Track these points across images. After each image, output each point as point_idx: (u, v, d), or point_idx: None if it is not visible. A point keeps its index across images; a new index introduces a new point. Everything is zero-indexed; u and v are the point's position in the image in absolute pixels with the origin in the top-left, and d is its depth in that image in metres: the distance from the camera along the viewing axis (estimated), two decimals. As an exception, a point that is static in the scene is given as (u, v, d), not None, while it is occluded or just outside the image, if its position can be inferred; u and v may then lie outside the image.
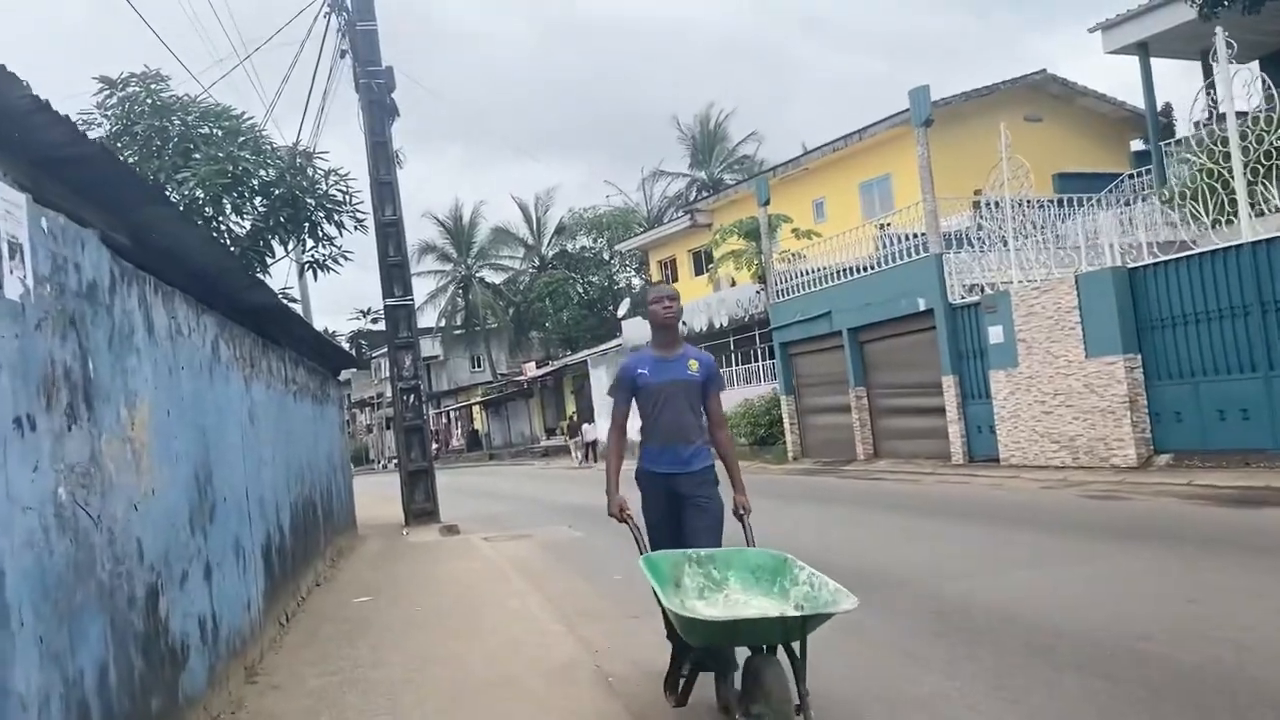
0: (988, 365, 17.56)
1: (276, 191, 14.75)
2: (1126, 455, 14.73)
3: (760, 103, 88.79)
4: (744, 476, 5.47)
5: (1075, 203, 19.87)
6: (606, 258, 57.77)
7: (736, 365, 29.40)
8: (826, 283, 22.35)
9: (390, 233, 14.90)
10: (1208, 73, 24.98)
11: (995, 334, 17.27)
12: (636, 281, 57.41)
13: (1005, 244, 17.44)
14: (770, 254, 24.58)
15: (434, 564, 10.43)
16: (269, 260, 15.38)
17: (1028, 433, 16.63)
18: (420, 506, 14.78)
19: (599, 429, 38.86)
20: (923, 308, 19.02)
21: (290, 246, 15.34)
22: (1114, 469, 14.78)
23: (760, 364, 28.18)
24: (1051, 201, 18.34)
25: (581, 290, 56.97)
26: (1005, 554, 8.95)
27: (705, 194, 42.66)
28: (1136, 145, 32.82)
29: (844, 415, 22.00)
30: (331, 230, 15.11)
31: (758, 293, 26.90)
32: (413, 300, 14.96)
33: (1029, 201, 17.60)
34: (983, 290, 17.80)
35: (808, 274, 23.08)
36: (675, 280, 38.96)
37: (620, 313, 42.27)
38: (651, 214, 55.29)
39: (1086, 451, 15.44)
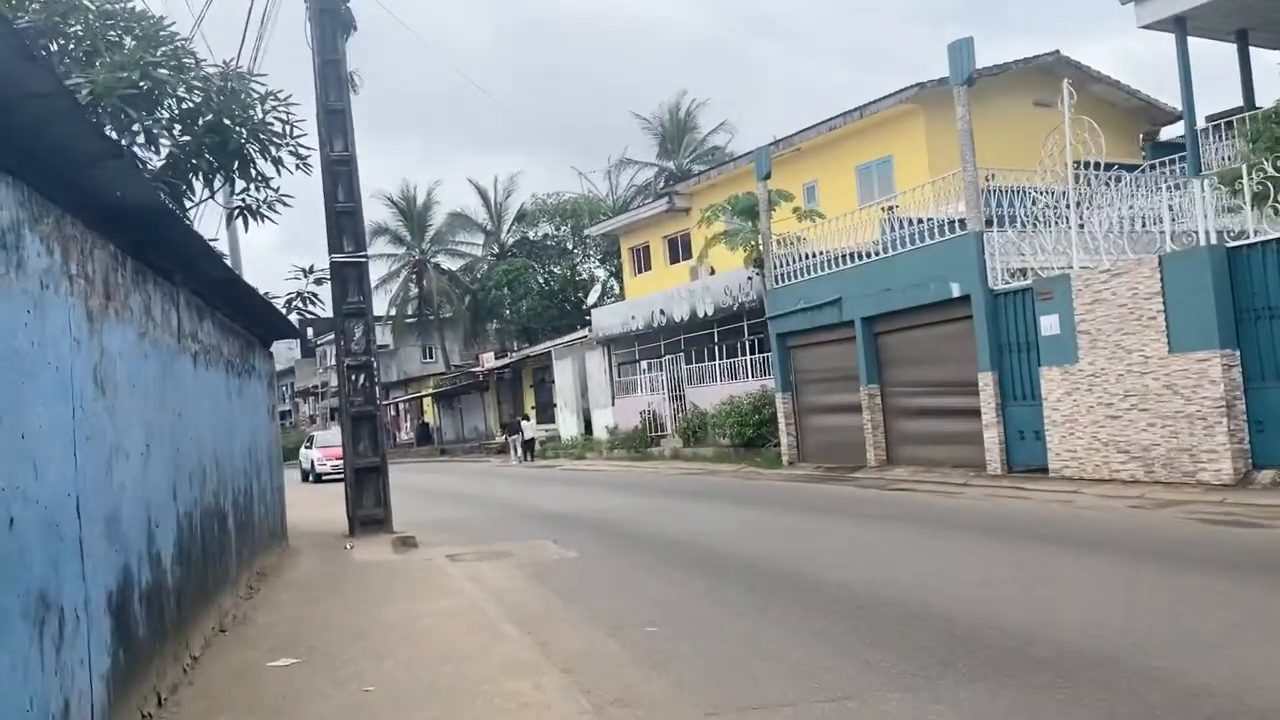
0: (1037, 361, 15.12)
1: (204, 120, 11.89)
2: (1219, 470, 12.33)
3: (728, 98, 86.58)
4: (733, 481, 2.81)
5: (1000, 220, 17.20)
6: (570, 247, 54.96)
7: (721, 359, 26.80)
8: (836, 265, 19.80)
9: (340, 172, 12.08)
10: (1243, 57, 23.01)
11: (1049, 324, 14.82)
12: (600, 272, 54.77)
13: (1065, 221, 14.98)
14: (769, 234, 22.00)
15: (388, 600, 7.65)
16: (188, 203, 12.53)
17: (1087, 440, 14.20)
18: (369, 513, 11.96)
19: (563, 424, 36.20)
20: (956, 294, 16.54)
21: (216, 186, 12.45)
22: (1203, 486, 12.37)
23: (748, 358, 25.62)
24: (1114, 178, 15.93)
25: (543, 280, 54.11)
26: (1190, 608, 6.39)
27: (673, 183, 39.93)
28: (1151, 135, 30.99)
29: (852, 415, 19.48)
30: (267, 168, 12.31)
31: (750, 278, 24.32)
32: (366, 257, 12.13)
33: (1092, 171, 15.17)
34: (1033, 275, 15.35)
35: (815, 256, 20.52)
36: (649, 269, 36.32)
37: (590, 300, 39.44)
38: (618, 203, 52.50)
39: (1165, 464, 13.03)
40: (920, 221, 18.27)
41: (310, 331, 49.17)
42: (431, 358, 61.25)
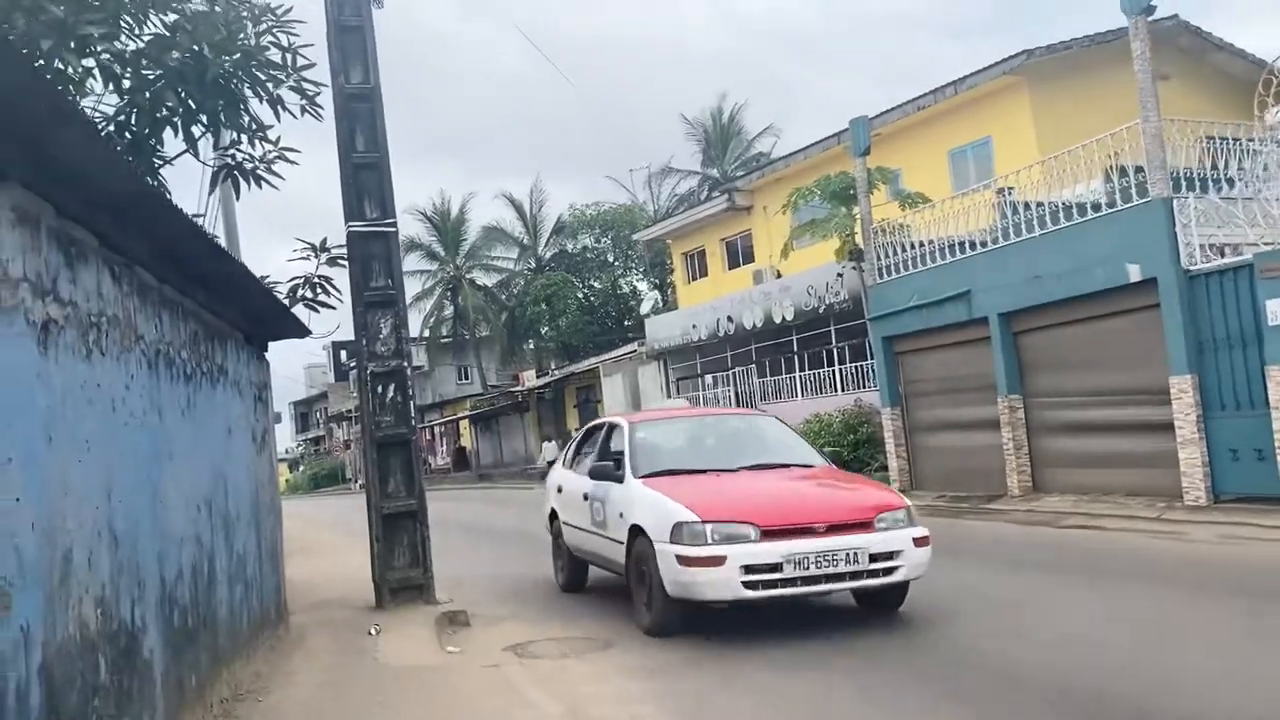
0: (1264, 359, 11.63)
1: (176, 55, 8.74)
2: None
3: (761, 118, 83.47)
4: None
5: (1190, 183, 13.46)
6: (611, 259, 51.82)
7: (803, 370, 23.38)
8: (962, 251, 16.39)
9: (359, 112, 8.87)
10: None
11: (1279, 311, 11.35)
12: (644, 285, 51.55)
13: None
14: (870, 219, 18.63)
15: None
16: (157, 161, 9.42)
17: (1345, 461, 10.69)
18: (403, 575, 8.65)
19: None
20: (1136, 278, 13.08)
21: (196, 136, 9.32)
22: None
23: (837, 367, 22.18)
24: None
25: (583, 295, 51.00)
26: None
27: (714, 193, 36.36)
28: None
29: (985, 433, 15.99)
30: (264, 112, 9.23)
31: (840, 275, 20.93)
32: (395, 226, 8.88)
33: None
34: (1238, 252, 11.91)
35: (931, 243, 17.12)
36: (704, 275, 32.99)
37: (644, 309, 36.16)
38: (659, 213, 49.29)
39: None
40: (1040, 206, 14.92)
41: (344, 354, 46.18)
42: (467, 378, 58.31)
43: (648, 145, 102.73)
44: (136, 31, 8.85)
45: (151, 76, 8.77)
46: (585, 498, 8.97)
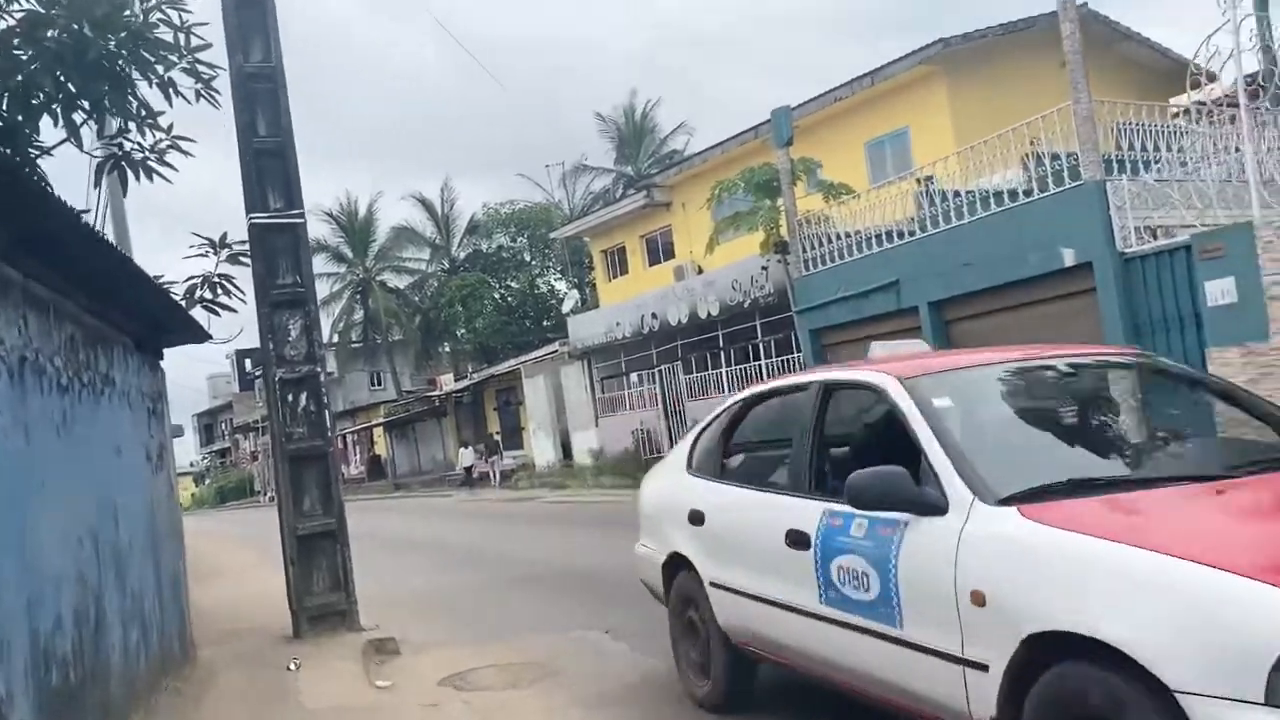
0: (1204, 340, 11.52)
1: (53, 34, 7.86)
2: None
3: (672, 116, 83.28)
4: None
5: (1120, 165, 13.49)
6: (528, 258, 50.97)
7: (729, 365, 22.99)
8: (889, 241, 16.13)
9: (260, 93, 8.07)
10: None
11: (1219, 291, 11.21)
12: (561, 286, 50.81)
13: (1234, 152, 11.44)
14: (795, 210, 18.29)
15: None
16: (34, 151, 8.49)
17: (1287, 442, 10.56)
18: (322, 600, 7.89)
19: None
20: (1070, 262, 12.92)
21: (80, 124, 8.41)
22: None
23: (764, 362, 21.83)
24: None
25: (499, 295, 50.06)
26: None
27: (632, 190, 35.64)
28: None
29: (918, 424, 15.71)
30: (155, 98, 8.38)
31: (764, 268, 20.59)
32: (303, 218, 8.10)
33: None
34: (1172, 234, 11.81)
35: (858, 233, 16.83)
36: (625, 273, 32.45)
37: (566, 308, 35.46)
38: (575, 211, 48.63)
39: None
40: (970, 194, 14.77)
41: (249, 363, 44.49)
42: (380, 384, 56.81)
43: (561, 144, 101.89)
44: (6, 7, 7.95)
45: (25, 57, 7.87)
46: (796, 542, 4.52)
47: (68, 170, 8.58)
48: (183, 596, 7.22)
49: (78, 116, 8.30)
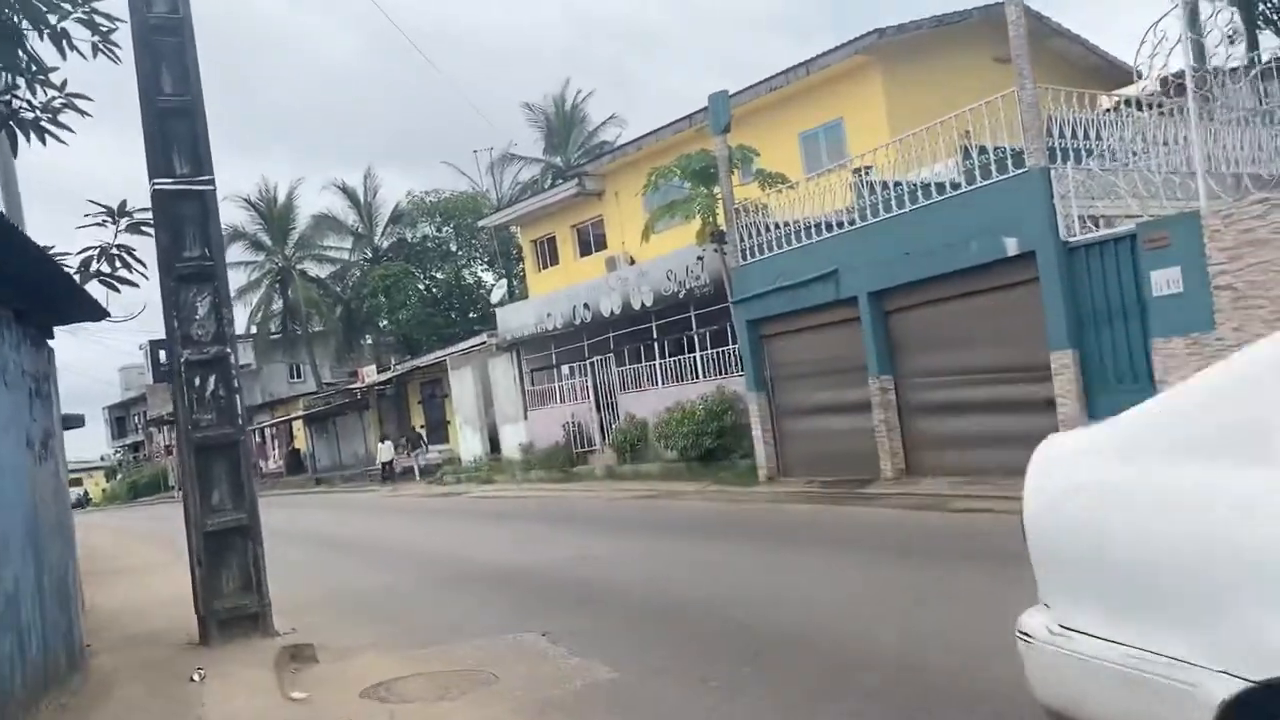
0: (1148, 331, 11.39)
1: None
2: None
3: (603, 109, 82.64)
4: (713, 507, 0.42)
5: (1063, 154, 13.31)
6: (454, 248, 49.94)
7: (663, 357, 22.54)
8: (828, 231, 15.83)
9: (165, 47, 7.33)
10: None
11: (1164, 281, 11.09)
12: (488, 277, 49.92)
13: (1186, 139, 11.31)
14: (732, 198, 17.89)
15: None
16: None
17: (1231, 433, 10.43)
18: (233, 603, 7.20)
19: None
20: (1013, 252, 12.72)
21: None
22: None
23: (699, 354, 21.42)
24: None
25: (424, 286, 48.96)
26: None
27: (562, 179, 34.90)
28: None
29: (855, 416, 15.49)
30: (47, 51, 7.66)
31: (700, 258, 20.17)
32: (212, 184, 7.38)
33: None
34: (1112, 223, 11.66)
35: (796, 222, 16.50)
36: (555, 263, 31.80)
37: (494, 298, 34.64)
38: (502, 201, 47.82)
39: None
40: (909, 184, 14.57)
41: (163, 354, 42.71)
42: (300, 377, 55.24)
43: (489, 134, 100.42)
44: None
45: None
46: None
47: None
48: (73, 600, 6.50)
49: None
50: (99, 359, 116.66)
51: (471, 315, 48.24)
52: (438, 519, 19.62)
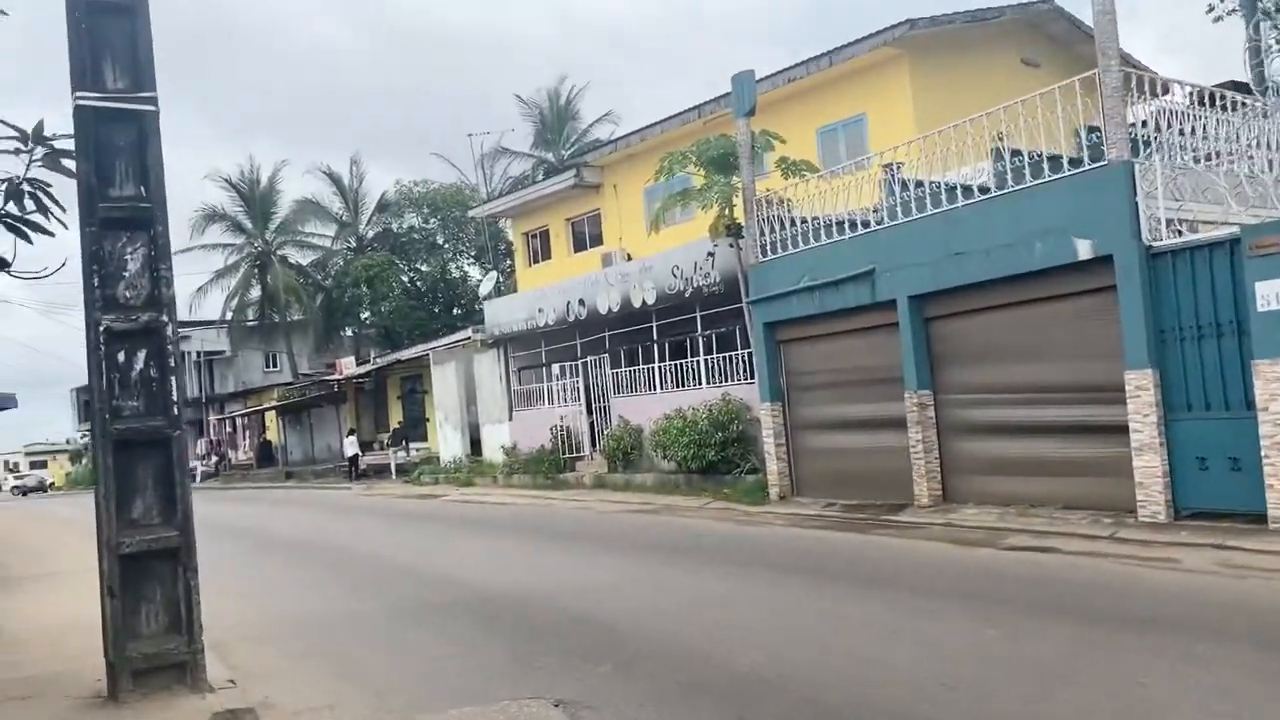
0: (1242, 352, 9.88)
1: None
2: None
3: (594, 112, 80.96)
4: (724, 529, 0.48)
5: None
6: (440, 241, 48.24)
7: (663, 360, 20.93)
8: (863, 227, 14.29)
9: (99, -78, 5.67)
10: None
11: (1273, 294, 9.59)
12: (475, 271, 48.16)
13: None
14: (753, 188, 16.33)
15: None
16: None
17: (1352, 473, 8.88)
18: (154, 647, 5.54)
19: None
20: (1086, 255, 11.20)
21: None
22: None
23: (703, 358, 19.82)
24: None
25: (409, 278, 47.26)
26: None
27: (563, 169, 33.24)
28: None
29: (887, 434, 13.95)
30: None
31: (711, 253, 18.58)
32: (154, 104, 5.74)
33: None
34: (1202, 228, 10.15)
35: (822, 217, 14.94)
36: (548, 258, 30.18)
37: (483, 291, 32.90)
38: (492, 195, 46.19)
39: None
40: (934, 184, 13.13)
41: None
42: (276, 366, 53.27)
43: (482, 124, 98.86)
44: None
45: None
46: None
47: None
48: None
49: None
50: (64, 336, 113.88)
51: (455, 311, 46.58)
52: (415, 524, 17.91)
